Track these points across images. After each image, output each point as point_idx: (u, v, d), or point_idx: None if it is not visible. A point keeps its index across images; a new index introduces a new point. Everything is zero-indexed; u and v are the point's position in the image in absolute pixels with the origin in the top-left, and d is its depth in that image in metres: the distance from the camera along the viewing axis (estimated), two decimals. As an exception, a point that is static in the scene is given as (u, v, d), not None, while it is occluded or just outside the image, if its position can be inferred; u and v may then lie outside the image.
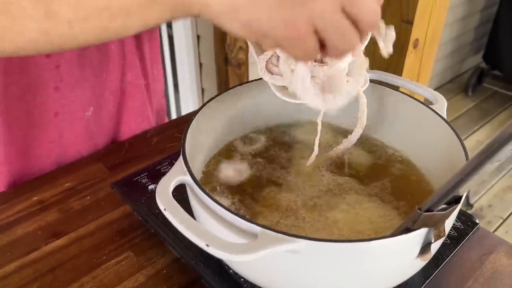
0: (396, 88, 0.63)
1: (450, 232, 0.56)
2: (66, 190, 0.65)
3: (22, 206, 0.62)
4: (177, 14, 0.38)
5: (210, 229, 0.39)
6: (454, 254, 0.54)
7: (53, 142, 0.69)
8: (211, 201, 0.42)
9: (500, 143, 0.33)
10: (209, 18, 0.38)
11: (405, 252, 0.42)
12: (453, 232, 0.56)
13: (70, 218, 0.61)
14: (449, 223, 0.44)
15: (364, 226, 0.50)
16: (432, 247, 0.42)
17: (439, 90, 2.86)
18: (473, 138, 2.51)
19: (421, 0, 1.33)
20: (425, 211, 0.39)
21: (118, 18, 0.38)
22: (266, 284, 0.47)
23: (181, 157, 0.46)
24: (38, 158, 0.69)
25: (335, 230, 0.49)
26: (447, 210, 0.40)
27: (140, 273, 0.54)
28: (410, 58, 1.41)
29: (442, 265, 0.52)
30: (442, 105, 0.58)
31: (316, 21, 0.37)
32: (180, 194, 0.47)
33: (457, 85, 3.00)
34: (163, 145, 0.75)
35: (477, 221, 0.58)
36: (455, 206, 0.41)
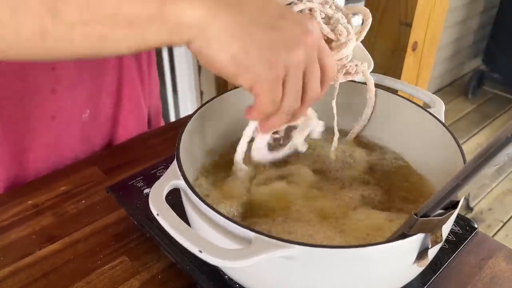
0: (394, 91, 0.62)
1: (448, 236, 0.55)
2: (61, 194, 0.65)
3: (17, 210, 0.62)
4: (172, 38, 0.39)
5: (204, 234, 0.39)
6: (452, 259, 0.53)
7: (49, 145, 0.69)
8: (205, 206, 0.41)
9: (497, 147, 0.32)
10: (198, 45, 0.39)
11: (401, 258, 0.41)
12: (451, 236, 0.56)
13: (65, 222, 0.60)
14: (446, 229, 0.43)
15: (362, 230, 0.49)
16: (429, 253, 0.42)
17: (439, 93, 2.86)
18: (473, 141, 2.51)
19: (420, 2, 1.33)
20: (421, 217, 0.39)
21: (120, 28, 0.38)
22: (261, 290, 0.46)
23: (175, 161, 0.46)
24: (34, 162, 0.68)
25: (332, 234, 0.49)
26: (444, 215, 0.39)
27: (135, 278, 0.53)
28: (409, 61, 1.41)
29: (440, 270, 0.52)
30: (440, 108, 0.58)
31: (288, 69, 0.40)
32: (176, 198, 0.47)
33: (456, 88, 3.00)
34: (160, 148, 0.75)
35: (475, 225, 0.58)
36: (452, 211, 0.40)
